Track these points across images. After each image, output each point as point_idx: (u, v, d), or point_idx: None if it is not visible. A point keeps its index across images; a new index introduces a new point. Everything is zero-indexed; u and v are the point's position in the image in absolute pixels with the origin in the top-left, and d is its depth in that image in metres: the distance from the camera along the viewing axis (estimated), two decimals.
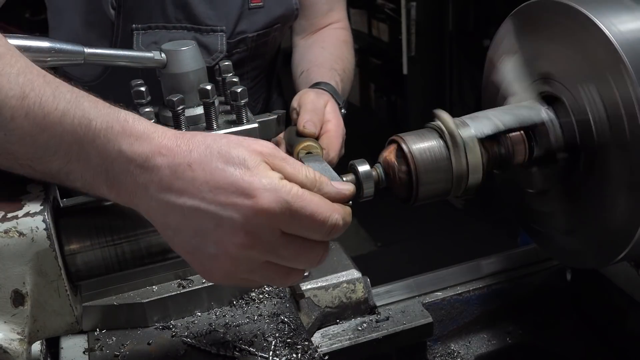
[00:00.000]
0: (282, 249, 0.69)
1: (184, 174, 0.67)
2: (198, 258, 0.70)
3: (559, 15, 0.86)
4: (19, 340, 0.70)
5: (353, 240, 3.60)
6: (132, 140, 0.68)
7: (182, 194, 0.66)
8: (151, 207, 0.68)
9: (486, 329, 1.19)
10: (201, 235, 0.68)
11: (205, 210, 0.66)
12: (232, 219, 0.66)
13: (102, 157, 0.67)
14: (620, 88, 0.77)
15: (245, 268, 0.69)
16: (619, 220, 0.82)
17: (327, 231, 0.70)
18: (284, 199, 0.66)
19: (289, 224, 0.67)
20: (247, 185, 0.66)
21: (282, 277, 0.72)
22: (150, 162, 0.67)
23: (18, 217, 0.68)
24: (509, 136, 0.89)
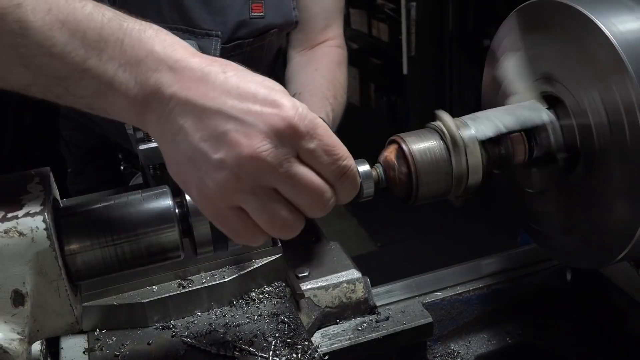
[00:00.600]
0: (294, 169, 0.65)
1: (216, 77, 0.65)
2: (199, 167, 0.65)
3: (559, 16, 0.86)
4: (19, 340, 0.70)
5: (353, 240, 3.61)
6: (166, 44, 0.66)
7: (206, 95, 0.64)
8: (166, 110, 0.65)
9: (486, 329, 1.19)
10: (215, 138, 0.64)
11: (228, 113, 0.64)
12: (254, 124, 0.63)
13: (128, 55, 0.65)
14: (622, 93, 0.77)
15: (247, 186, 0.65)
16: (619, 220, 0.82)
17: (340, 169, 0.67)
18: (309, 119, 0.65)
19: (307, 146, 0.65)
20: (276, 97, 0.65)
21: (284, 214, 0.67)
22: (183, 62, 0.65)
23: (18, 217, 0.68)
24: (509, 136, 0.89)
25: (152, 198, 0.77)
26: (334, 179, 0.68)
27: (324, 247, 1.14)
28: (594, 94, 0.82)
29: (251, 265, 1.02)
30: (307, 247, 1.14)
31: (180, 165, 0.67)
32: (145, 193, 0.77)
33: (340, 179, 0.68)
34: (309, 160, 0.66)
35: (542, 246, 1.04)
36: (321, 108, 1.25)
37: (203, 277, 1.00)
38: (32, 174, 0.76)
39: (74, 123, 1.50)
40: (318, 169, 0.67)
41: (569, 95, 0.86)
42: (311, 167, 0.66)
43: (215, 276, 1.01)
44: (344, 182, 0.69)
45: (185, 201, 0.77)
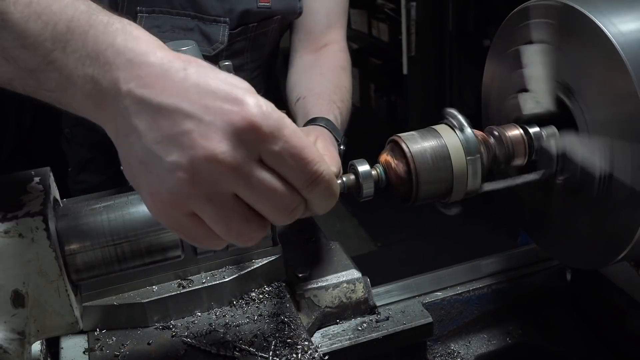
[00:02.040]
0: (256, 174, 0.60)
1: (176, 74, 0.60)
2: (151, 170, 0.60)
3: (559, 16, 0.86)
4: (19, 340, 0.70)
5: (353, 240, 3.61)
6: (129, 37, 0.62)
7: (163, 92, 0.59)
8: (120, 108, 0.61)
9: (486, 329, 1.19)
10: (169, 140, 0.59)
11: (185, 111, 0.59)
12: (212, 124, 0.58)
13: (90, 48, 0.61)
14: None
15: (202, 192, 0.60)
16: (619, 221, 0.82)
17: (309, 175, 0.62)
18: (275, 119, 0.60)
19: (270, 148, 0.60)
20: (238, 94, 0.60)
21: (240, 222, 0.62)
22: (142, 57, 0.61)
23: (18, 217, 0.68)
24: (509, 136, 0.89)
25: None
26: (302, 185, 0.63)
27: (324, 247, 1.14)
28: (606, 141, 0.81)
29: (251, 265, 1.02)
30: (307, 247, 1.13)
31: (133, 168, 0.62)
32: None
33: (309, 186, 0.63)
34: (272, 163, 0.61)
35: (542, 246, 1.04)
36: (329, 111, 1.23)
37: (203, 277, 1.00)
38: (32, 174, 0.76)
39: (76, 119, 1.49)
40: (283, 173, 0.62)
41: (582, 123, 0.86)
42: (275, 171, 0.61)
43: (215, 276, 1.01)
44: (314, 189, 0.63)
45: None
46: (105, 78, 0.61)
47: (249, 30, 1.37)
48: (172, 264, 0.96)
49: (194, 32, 1.30)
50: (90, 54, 0.62)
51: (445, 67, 3.72)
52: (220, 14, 1.31)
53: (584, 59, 0.83)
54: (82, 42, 0.62)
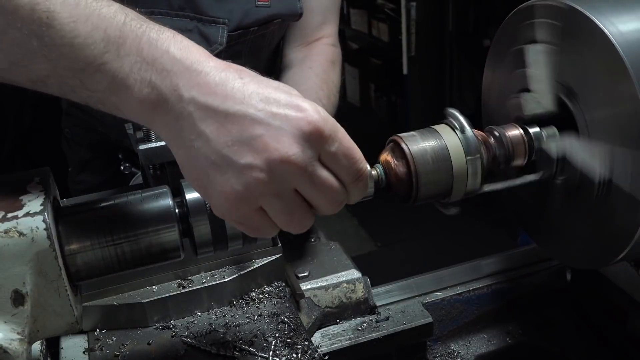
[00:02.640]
0: (318, 172, 0.67)
1: (234, 83, 0.66)
2: (224, 171, 0.66)
3: (559, 16, 0.86)
4: (19, 340, 0.70)
5: (353, 240, 3.60)
6: (182, 46, 0.67)
7: (227, 99, 0.65)
8: (184, 114, 0.65)
9: (486, 329, 1.19)
10: (240, 144, 0.65)
11: (254, 117, 0.65)
12: (282, 128, 0.65)
13: (145, 53, 0.65)
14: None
15: (274, 189, 0.66)
16: (619, 221, 0.82)
17: (356, 172, 0.70)
18: (332, 123, 0.67)
19: (329, 149, 0.67)
20: (298, 101, 0.66)
21: (302, 214, 0.70)
22: (199, 65, 0.66)
23: (18, 217, 0.68)
24: (509, 136, 0.89)
25: (152, 198, 0.77)
26: (350, 180, 0.70)
27: (324, 247, 1.14)
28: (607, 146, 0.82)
29: (251, 265, 1.02)
30: (307, 247, 1.14)
31: (200, 170, 0.67)
32: (145, 193, 0.77)
33: (355, 181, 0.71)
34: (329, 162, 0.68)
35: (542, 246, 1.04)
36: None
37: (203, 277, 1.00)
38: (32, 174, 0.76)
39: (76, 120, 1.50)
40: (336, 171, 0.69)
41: (582, 125, 0.86)
42: (330, 169, 0.68)
43: (215, 276, 1.01)
44: (358, 184, 0.71)
45: (185, 201, 0.77)
46: (164, 84, 0.65)
47: (249, 34, 1.37)
48: (172, 264, 0.96)
49: (193, 33, 1.30)
50: (147, 59, 0.65)
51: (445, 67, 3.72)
52: (219, 15, 1.31)
53: (584, 59, 0.83)
54: (137, 47, 0.65)
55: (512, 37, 0.96)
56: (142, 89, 0.65)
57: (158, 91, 0.65)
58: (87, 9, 0.65)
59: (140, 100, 0.66)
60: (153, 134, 0.97)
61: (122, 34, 0.65)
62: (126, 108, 0.68)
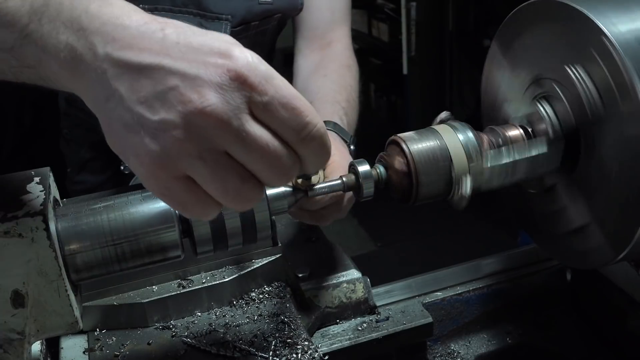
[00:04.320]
0: (247, 127, 0.58)
1: (154, 35, 0.59)
2: (136, 132, 0.58)
3: (559, 15, 0.86)
4: (19, 340, 0.70)
5: (353, 240, 3.61)
6: (102, 3, 0.61)
7: (143, 51, 0.58)
8: (98, 73, 0.59)
9: (486, 329, 1.19)
10: (153, 98, 0.57)
11: (168, 67, 0.57)
12: (199, 76, 0.57)
13: (64, 16, 0.61)
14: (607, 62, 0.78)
15: (194, 149, 0.58)
16: (619, 220, 0.82)
17: (301, 126, 0.59)
18: (264, 69, 0.58)
19: (260, 100, 0.58)
20: (224, 47, 0.58)
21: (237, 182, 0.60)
22: (118, 19, 0.59)
23: (18, 217, 0.68)
24: (508, 136, 0.89)
25: (152, 198, 0.77)
26: (295, 138, 0.60)
27: (324, 247, 1.14)
28: (580, 71, 0.82)
29: (251, 265, 1.02)
30: (307, 247, 1.14)
31: (116, 133, 0.60)
32: (145, 193, 0.77)
33: (303, 140, 0.60)
34: (263, 117, 0.59)
35: (543, 246, 1.04)
36: (333, 113, 1.20)
37: (203, 277, 1.00)
38: (32, 174, 0.76)
39: (75, 120, 1.50)
40: (274, 126, 0.59)
41: (557, 83, 0.87)
42: (267, 125, 0.59)
43: (215, 276, 1.01)
44: (309, 144, 0.61)
45: None
46: (80, 43, 0.60)
47: (251, 28, 1.37)
48: (172, 264, 0.96)
49: None
50: (65, 22, 0.61)
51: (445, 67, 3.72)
52: (222, 11, 1.31)
53: (577, 51, 0.83)
54: (57, 11, 0.61)
55: (512, 36, 0.96)
56: (59, 53, 0.60)
57: (74, 52, 0.60)
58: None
59: (60, 65, 0.61)
60: None
61: (45, 2, 0.62)
62: (54, 77, 0.63)
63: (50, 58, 0.62)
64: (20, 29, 0.62)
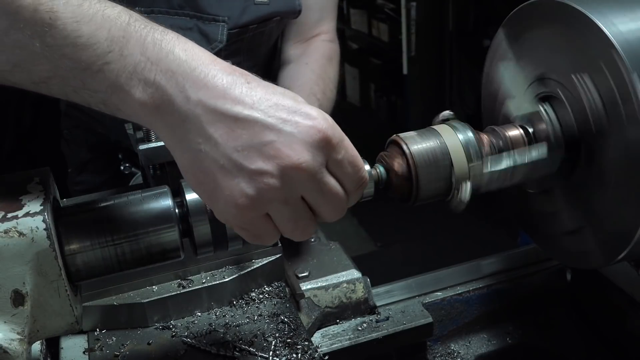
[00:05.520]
0: (326, 180, 0.68)
1: (242, 86, 0.66)
2: (233, 176, 0.65)
3: (559, 15, 0.86)
4: (19, 340, 0.70)
5: (353, 240, 3.60)
6: (187, 47, 0.66)
7: (237, 103, 0.65)
8: (190, 116, 0.65)
9: (486, 329, 1.19)
10: (250, 149, 0.65)
11: (264, 123, 0.65)
12: (293, 134, 0.65)
13: (149, 53, 0.65)
14: (614, 74, 0.78)
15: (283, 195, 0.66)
16: (619, 220, 0.82)
17: (359, 180, 0.71)
18: (338, 131, 0.68)
19: (335, 157, 0.68)
20: (306, 110, 0.66)
21: (306, 220, 0.70)
22: (205, 67, 0.65)
23: (18, 217, 0.68)
24: (508, 136, 0.89)
25: (152, 198, 0.77)
26: (353, 188, 0.71)
27: (324, 247, 1.14)
28: (585, 79, 0.82)
29: (251, 265, 1.02)
30: (307, 247, 1.14)
31: (207, 174, 0.66)
32: (145, 193, 0.77)
33: (357, 189, 0.72)
34: (335, 170, 0.69)
35: (543, 247, 1.04)
36: None
37: (203, 277, 1.01)
38: (32, 174, 0.76)
39: (75, 121, 1.50)
40: (341, 178, 0.70)
41: (562, 87, 0.87)
42: (335, 176, 0.69)
43: (215, 276, 1.01)
44: (359, 191, 0.73)
45: (185, 201, 0.77)
46: (170, 84, 0.65)
47: (248, 31, 1.37)
48: (172, 264, 0.96)
49: (193, 32, 1.30)
50: (151, 59, 0.65)
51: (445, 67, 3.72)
52: (219, 12, 1.31)
53: (584, 59, 0.83)
54: (141, 47, 0.65)
55: (512, 36, 0.96)
56: (145, 89, 0.65)
57: (162, 91, 0.65)
58: (90, 10, 0.64)
59: (143, 100, 0.65)
60: (153, 134, 0.97)
61: (125, 34, 0.65)
62: (128, 109, 0.67)
63: (134, 92, 0.65)
64: (97, 55, 0.64)
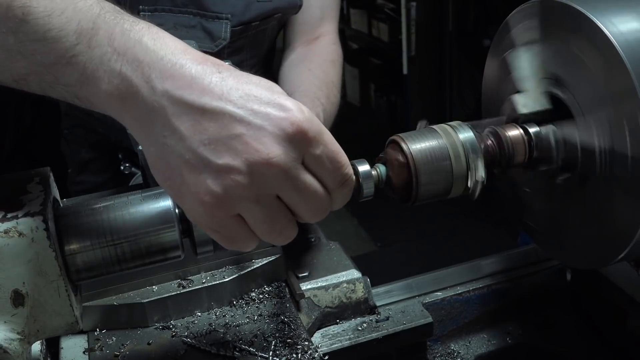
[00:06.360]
0: (301, 177, 0.63)
1: (212, 77, 0.62)
2: (198, 172, 0.62)
3: (559, 16, 0.86)
4: (19, 340, 0.70)
5: (353, 240, 3.61)
6: (156, 36, 0.63)
7: (205, 94, 0.61)
8: (156, 108, 0.61)
9: (486, 329, 1.19)
10: (217, 143, 0.61)
11: (233, 114, 0.60)
12: (263, 127, 0.61)
13: (117, 44, 0.62)
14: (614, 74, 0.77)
15: (253, 193, 0.62)
16: (619, 221, 0.82)
17: (341, 177, 0.66)
18: (316, 124, 0.63)
19: (313, 152, 0.63)
20: (281, 101, 0.62)
21: (284, 222, 0.66)
22: (174, 56, 0.62)
23: (18, 217, 0.68)
24: (509, 136, 0.89)
25: (152, 198, 0.77)
26: (334, 186, 0.67)
27: (324, 247, 1.14)
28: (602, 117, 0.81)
29: (251, 265, 1.02)
30: (307, 247, 1.14)
31: (172, 169, 0.63)
32: (145, 193, 0.77)
33: (340, 187, 0.67)
34: (313, 166, 0.65)
35: (542, 246, 1.04)
36: (312, 109, 1.22)
37: (203, 277, 1.00)
38: (32, 174, 0.76)
39: (75, 121, 1.50)
40: (320, 175, 0.65)
41: (576, 108, 0.86)
42: (314, 173, 0.65)
43: (215, 276, 1.01)
44: (343, 190, 0.68)
45: None
46: (135, 75, 0.62)
47: (251, 29, 1.37)
48: (172, 264, 0.96)
49: (196, 29, 1.30)
50: (118, 50, 0.62)
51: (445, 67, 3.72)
52: (222, 10, 1.32)
53: (584, 59, 0.83)
54: (108, 37, 0.63)
55: (512, 36, 0.96)
56: (111, 80, 0.62)
57: (128, 82, 0.62)
58: (62, 3, 0.63)
59: (109, 92, 0.63)
60: None
61: (95, 26, 0.63)
62: (97, 101, 0.65)
63: (100, 83, 0.63)
64: (66, 48, 0.63)
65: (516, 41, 0.95)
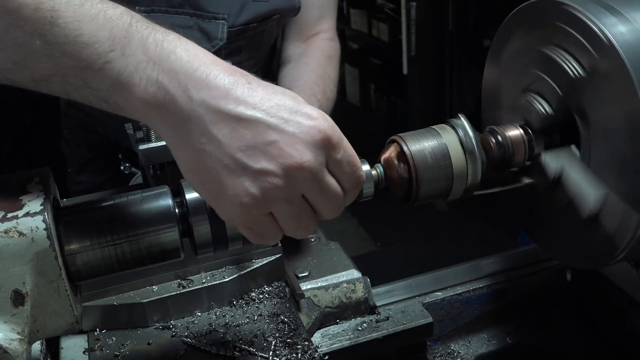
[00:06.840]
0: (326, 179, 0.69)
1: (243, 87, 0.67)
2: (237, 176, 0.67)
3: (559, 16, 0.86)
4: (19, 340, 0.70)
5: (353, 240, 3.60)
6: (188, 47, 0.67)
7: (240, 103, 0.66)
8: (193, 116, 0.65)
9: (486, 329, 1.19)
10: (254, 149, 0.66)
11: (267, 122, 0.66)
12: (295, 135, 0.66)
13: (151, 53, 0.65)
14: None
15: (287, 194, 0.68)
16: (619, 220, 0.82)
17: (357, 179, 0.73)
18: (338, 131, 0.69)
19: (336, 157, 0.69)
20: (307, 110, 0.68)
21: (308, 219, 0.72)
22: (207, 68, 0.66)
23: (18, 217, 0.68)
24: (509, 136, 0.89)
25: (152, 198, 0.77)
26: (350, 187, 0.73)
27: (324, 247, 1.14)
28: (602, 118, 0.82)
29: (251, 265, 1.02)
30: (307, 247, 1.14)
31: (210, 174, 0.67)
32: (145, 193, 0.77)
33: (354, 188, 0.73)
34: (334, 169, 0.70)
35: (542, 246, 1.04)
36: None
37: (203, 277, 1.01)
38: (32, 174, 0.76)
39: (75, 121, 1.50)
40: (340, 177, 0.71)
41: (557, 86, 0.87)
42: (334, 175, 0.71)
43: (215, 276, 1.01)
44: (356, 190, 0.74)
45: (185, 201, 0.77)
46: (172, 84, 0.65)
47: (249, 30, 1.37)
48: (172, 264, 0.96)
49: (193, 30, 1.30)
50: (153, 59, 0.65)
51: (445, 67, 3.71)
52: (218, 10, 1.31)
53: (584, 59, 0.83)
54: (143, 47, 0.65)
55: (512, 36, 0.96)
56: (147, 88, 0.65)
57: (165, 90, 0.65)
58: (92, 10, 0.65)
59: (145, 99, 0.66)
60: (153, 134, 0.97)
61: (127, 34, 0.65)
62: (130, 107, 0.67)
63: (135, 91, 0.66)
64: (98, 54, 0.64)
65: (516, 41, 0.95)
